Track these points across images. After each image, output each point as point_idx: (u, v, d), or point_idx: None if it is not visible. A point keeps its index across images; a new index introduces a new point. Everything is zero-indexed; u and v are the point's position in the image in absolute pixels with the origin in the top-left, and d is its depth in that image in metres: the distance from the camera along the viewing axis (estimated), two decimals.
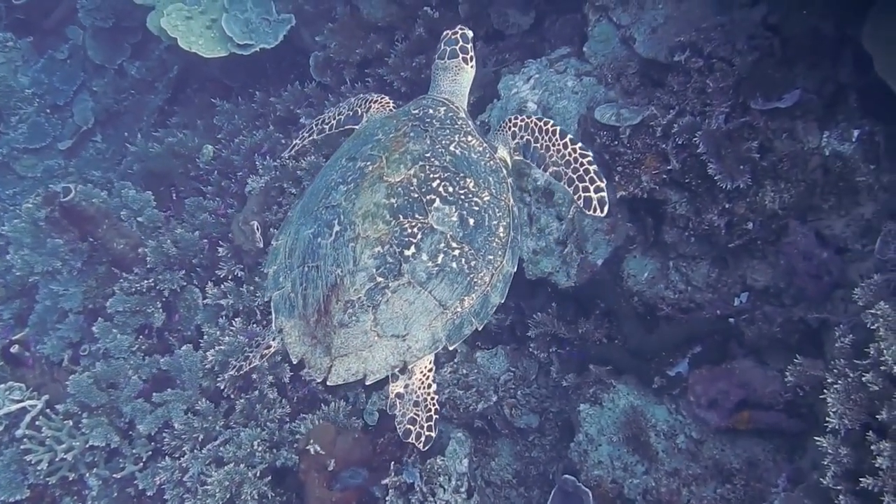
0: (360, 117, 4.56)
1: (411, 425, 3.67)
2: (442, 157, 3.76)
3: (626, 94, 5.60)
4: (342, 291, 3.51)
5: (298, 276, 3.73)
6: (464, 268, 3.59)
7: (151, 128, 9.34)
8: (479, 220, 3.67)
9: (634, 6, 5.62)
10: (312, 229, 3.75)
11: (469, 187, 3.72)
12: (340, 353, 3.54)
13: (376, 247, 3.53)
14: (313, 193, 3.98)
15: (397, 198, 3.61)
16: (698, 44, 5.15)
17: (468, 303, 3.61)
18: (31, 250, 7.33)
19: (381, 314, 3.51)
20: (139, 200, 7.44)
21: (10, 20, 11.00)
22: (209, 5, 8.04)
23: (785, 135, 4.96)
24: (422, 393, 3.73)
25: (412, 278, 3.51)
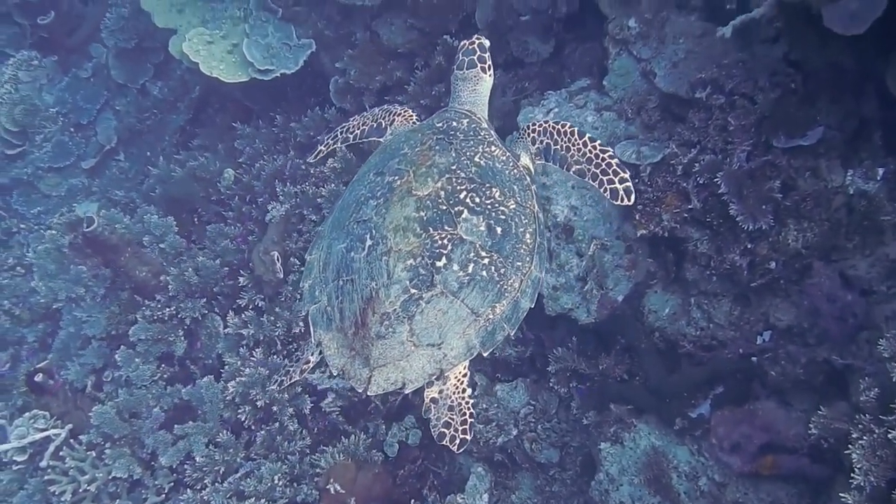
0: (384, 129, 4.62)
1: (446, 429, 3.71)
2: (467, 168, 3.83)
3: (646, 128, 5.56)
4: (378, 304, 3.58)
5: (334, 290, 3.79)
6: (494, 275, 3.67)
7: (173, 148, 9.38)
8: (506, 229, 3.75)
9: (655, 40, 5.57)
10: (345, 244, 3.81)
11: (495, 197, 3.79)
12: (379, 363, 3.60)
13: (409, 259, 3.59)
14: (343, 208, 4.04)
15: (426, 210, 3.68)
16: (720, 80, 5.10)
17: (499, 309, 3.69)
18: (55, 277, 7.39)
19: (417, 324, 3.57)
20: (161, 226, 7.48)
21: (34, 39, 11.08)
22: (230, 30, 8.06)
23: (808, 173, 4.92)
24: (456, 398, 3.78)
25: (445, 288, 3.58)
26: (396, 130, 4.54)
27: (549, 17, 6.72)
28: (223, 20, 8.19)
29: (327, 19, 7.97)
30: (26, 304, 8.37)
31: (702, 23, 5.43)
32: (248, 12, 8.07)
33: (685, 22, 5.47)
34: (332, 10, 7.88)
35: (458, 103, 4.40)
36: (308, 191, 7.11)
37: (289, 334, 6.48)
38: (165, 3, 8.59)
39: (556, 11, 6.67)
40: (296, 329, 6.44)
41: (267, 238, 6.74)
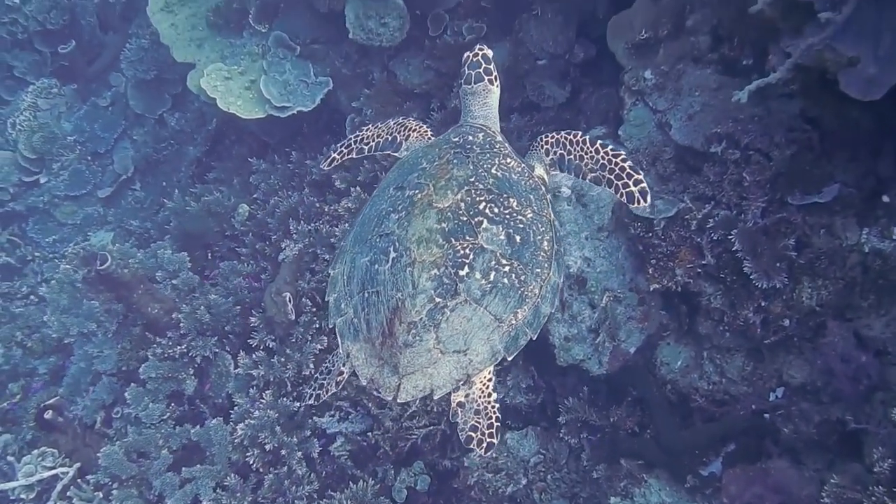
0: (399, 144, 4.74)
1: (472, 432, 3.80)
2: (485, 180, 3.94)
3: (661, 179, 5.54)
4: (404, 314, 3.67)
5: (359, 302, 3.90)
6: (514, 282, 3.77)
7: (189, 180, 9.42)
8: (524, 237, 3.85)
9: (671, 92, 5.56)
10: (369, 257, 3.91)
11: (513, 206, 3.90)
12: (407, 371, 3.71)
13: (432, 269, 3.69)
14: (364, 223, 4.14)
15: (448, 222, 3.78)
16: (735, 135, 5.09)
17: (521, 315, 3.79)
18: (68, 312, 7.41)
19: (443, 332, 3.67)
20: (174, 262, 7.50)
21: (54, 67, 11.19)
22: (248, 66, 8.10)
23: (823, 230, 4.89)
24: (482, 401, 3.87)
25: (468, 296, 3.69)
26: (412, 146, 4.66)
27: (565, 62, 6.74)
28: (241, 56, 8.23)
29: (345, 58, 8.01)
30: (38, 335, 8.39)
31: (718, 76, 5.41)
32: (266, 49, 8.11)
33: (701, 75, 5.46)
34: (350, 49, 7.91)
35: (471, 117, 4.51)
36: (322, 229, 7.11)
37: (299, 376, 6.46)
38: (185, 37, 8.65)
39: (572, 57, 6.69)
40: (306, 371, 6.41)
41: (279, 278, 6.73)
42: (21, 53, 11.31)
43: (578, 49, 6.63)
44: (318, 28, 8.04)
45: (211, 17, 8.54)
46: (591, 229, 5.49)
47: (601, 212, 5.48)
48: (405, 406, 6.20)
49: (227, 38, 8.55)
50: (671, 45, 5.60)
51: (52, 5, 11.02)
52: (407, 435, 6.17)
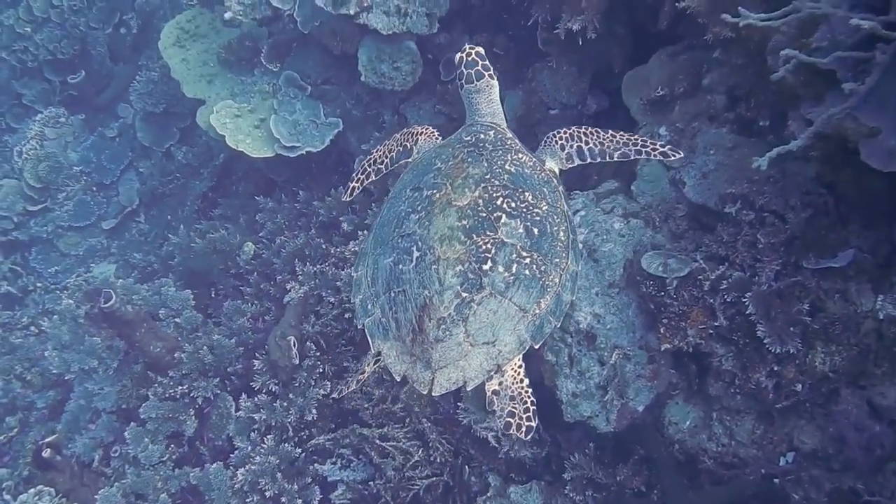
0: (410, 151, 4.86)
1: (511, 418, 3.96)
2: (500, 176, 4.09)
3: (673, 237, 5.51)
4: (433, 310, 3.79)
5: (386, 302, 4.00)
6: (536, 273, 3.92)
7: (195, 215, 9.39)
8: (542, 229, 4.01)
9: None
10: (392, 257, 4.02)
11: (528, 200, 4.06)
12: (440, 365, 3.82)
13: (457, 266, 3.82)
14: (384, 225, 4.25)
15: (468, 219, 3.92)
16: (750, 196, 5.06)
17: (544, 304, 3.94)
18: (69, 348, 7.34)
19: (471, 326, 3.80)
20: (178, 300, 7.47)
21: (63, 96, 11.21)
22: (259, 105, 8.11)
23: (837, 296, 4.83)
24: (516, 388, 4.02)
25: (493, 289, 3.82)
26: (422, 148, 4.79)
27: (578, 112, 6.74)
28: (252, 94, 8.25)
29: (356, 99, 8.02)
30: (38, 368, 8.32)
31: (733, 136, 5.39)
32: (277, 88, 8.14)
33: (716, 134, 5.44)
34: (362, 91, 7.92)
35: (479, 115, 4.66)
36: (328, 272, 7.06)
37: (301, 421, 6.39)
38: (196, 73, 8.68)
39: (585, 108, 6.70)
40: (308, 416, 6.34)
41: (284, 321, 6.68)
42: (30, 82, 11.35)
43: (591, 100, 6.63)
44: (330, 69, 8.05)
45: (222, 53, 8.56)
46: (601, 285, 5.44)
47: (612, 268, 5.43)
48: (407, 455, 6.13)
49: (238, 75, 8.57)
50: (687, 102, 5.59)
51: (63, 35, 11.08)
52: (409, 485, 6.08)
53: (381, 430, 6.17)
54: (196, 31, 8.99)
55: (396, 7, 7.10)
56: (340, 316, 6.85)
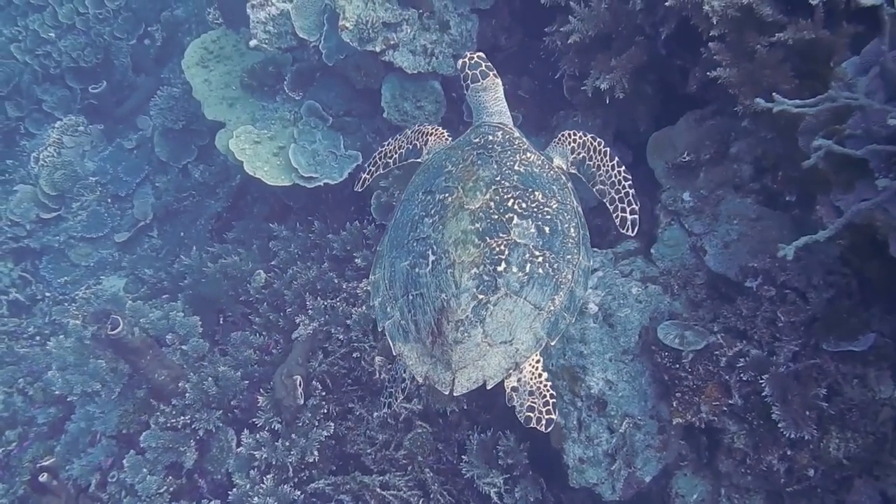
0: (420, 150, 4.98)
1: (531, 412, 4.06)
2: (510, 177, 4.20)
3: (692, 305, 5.42)
4: (451, 313, 3.90)
5: (405, 305, 4.12)
6: (549, 271, 4.03)
7: (208, 234, 9.34)
8: (553, 227, 4.12)
9: (708, 217, 5.46)
10: (408, 261, 4.13)
11: (539, 199, 4.17)
12: (460, 366, 3.93)
13: (472, 269, 3.93)
14: (398, 227, 4.36)
15: (481, 222, 4.03)
16: (772, 272, 4.99)
17: (558, 301, 4.05)
18: (73, 369, 7.28)
19: (488, 326, 3.91)
20: (186, 326, 7.41)
21: (83, 104, 11.21)
22: (279, 132, 8.04)
23: (856, 381, 4.75)
24: (534, 383, 4.12)
25: (508, 290, 3.93)
26: (432, 149, 4.89)
27: None
28: (272, 121, 8.18)
29: (376, 133, 7.95)
30: (40, 383, 8.27)
31: (758, 206, 5.31)
32: (298, 116, 8.07)
33: (741, 203, 5.36)
34: (383, 125, 7.85)
35: (487, 115, 4.77)
36: (338, 307, 6.98)
37: (302, 462, 6.29)
38: (217, 94, 8.63)
39: None
40: (309, 458, 6.24)
41: (291, 358, 6.60)
42: (52, 88, 11.36)
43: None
44: (353, 101, 7.99)
45: (245, 77, 8.50)
46: (615, 351, 5.36)
47: (628, 334, 5.34)
48: None
49: (259, 100, 8.50)
50: (713, 169, 5.51)
51: (87, 43, 11.13)
52: None
53: (383, 478, 6.08)
54: (220, 52, 8.95)
55: (423, 47, 7.05)
56: (349, 354, 6.76)
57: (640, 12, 5.60)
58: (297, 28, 7.48)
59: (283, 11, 7.67)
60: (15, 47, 11.54)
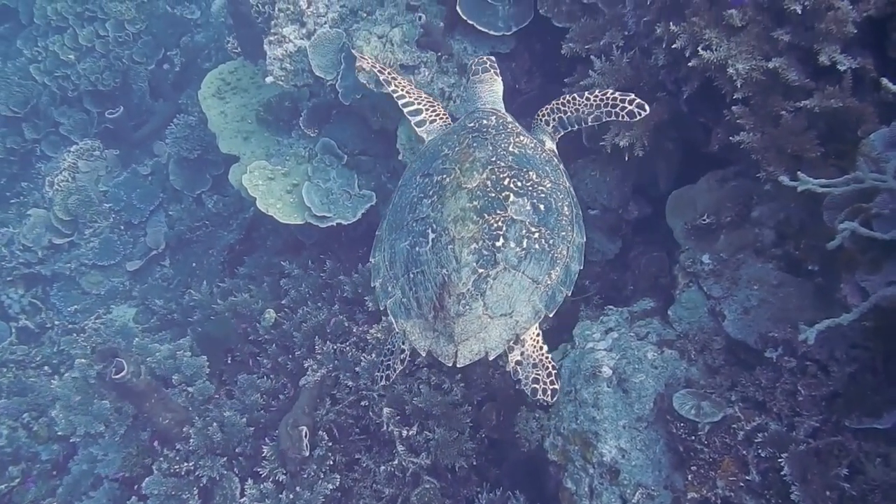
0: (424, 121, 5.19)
1: (536, 384, 4.24)
2: (505, 157, 4.38)
3: (709, 370, 5.25)
4: (452, 287, 4.02)
5: (406, 283, 4.23)
6: (545, 247, 4.17)
7: (220, 266, 9.25)
8: (547, 205, 4.26)
9: (728, 280, 5.30)
10: (408, 241, 4.27)
11: (533, 179, 4.33)
12: (462, 338, 4.05)
13: (472, 244, 4.07)
14: (396, 211, 4.53)
15: (478, 200, 4.18)
16: (793, 342, 4.81)
17: (555, 275, 4.20)
18: (77, 410, 7.17)
19: (489, 299, 4.03)
20: (193, 367, 7.30)
21: (99, 128, 11.17)
22: (293, 169, 7.95)
23: (879, 460, 4.55)
24: (537, 355, 4.30)
25: (507, 264, 4.07)
26: (433, 132, 5.11)
27: (618, 216, 6.50)
28: (287, 157, 8.09)
29: (392, 173, 7.84)
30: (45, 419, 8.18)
31: (779, 272, 5.14)
32: (313, 154, 7.99)
33: (762, 269, 5.20)
34: (398, 166, 7.72)
35: (481, 103, 5.04)
36: (347, 352, 6.86)
37: None
38: (232, 127, 8.58)
39: (626, 212, 6.46)
40: None
41: (297, 406, 6.48)
42: (69, 110, 11.33)
43: (633, 206, 6.39)
44: (368, 141, 7.89)
45: (261, 111, 8.44)
46: (629, 418, 5.19)
47: (642, 401, 5.18)
48: None
49: (274, 135, 8.44)
50: (733, 233, 5.35)
51: (106, 66, 11.12)
52: None
53: None
54: (237, 84, 8.90)
55: (441, 90, 6.94)
56: (357, 402, 6.64)
57: (663, 68, 5.46)
58: (313, 66, 7.39)
59: (301, 48, 7.58)
60: (34, 68, 11.57)
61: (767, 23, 4.85)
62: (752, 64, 4.75)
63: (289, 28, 7.58)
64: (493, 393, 6.35)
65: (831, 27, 4.51)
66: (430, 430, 6.18)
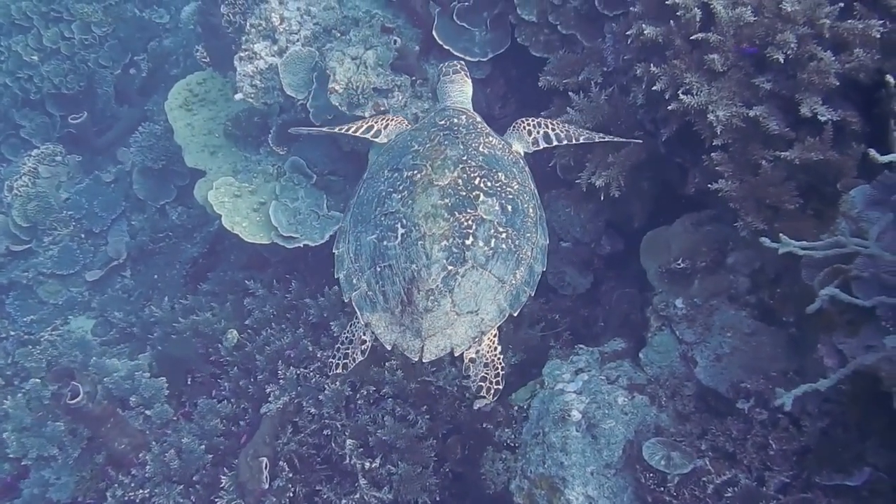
0: (379, 132, 5.24)
1: (483, 382, 4.36)
2: (476, 157, 4.49)
3: (679, 417, 5.19)
4: (422, 283, 4.13)
5: (372, 276, 4.33)
6: (511, 247, 4.30)
7: (182, 280, 9.05)
8: (514, 206, 4.40)
9: (700, 326, 5.23)
10: (375, 234, 4.36)
11: (501, 180, 4.46)
12: (429, 333, 4.17)
13: (442, 241, 4.18)
14: (363, 204, 4.59)
15: (449, 198, 4.28)
16: (765, 394, 4.76)
17: (519, 275, 4.33)
18: (30, 431, 6.94)
19: (456, 296, 4.15)
20: (151, 388, 7.10)
21: (62, 133, 10.90)
22: (261, 186, 7.77)
23: None
24: (490, 355, 4.39)
25: (475, 262, 4.19)
26: (391, 134, 5.19)
27: (590, 249, 6.44)
28: (254, 174, 7.91)
29: None
30: None
31: (753, 321, 5.08)
32: (282, 172, 7.81)
33: (735, 316, 5.14)
34: None
35: (451, 101, 5.18)
36: (311, 378, 6.71)
37: None
38: (199, 141, 8.38)
39: (598, 247, 6.39)
40: None
41: (258, 436, 6.32)
42: (31, 113, 11.04)
43: (606, 241, 6.33)
44: (338, 161, 7.75)
45: (229, 126, 8.25)
46: (598, 464, 5.10)
47: (611, 448, 5.09)
48: None
49: (242, 150, 8.26)
50: (708, 278, 5.29)
51: (71, 69, 10.85)
52: None
53: None
54: (205, 96, 8.70)
55: (414, 115, 6.82)
56: (319, 431, 6.49)
57: (641, 108, 5.39)
58: (284, 84, 7.23)
59: (272, 66, 7.41)
60: None
61: (748, 69, 4.79)
62: (732, 111, 4.69)
63: (260, 44, 7.41)
64: (459, 426, 6.23)
65: (813, 78, 4.46)
66: (393, 463, 6.04)
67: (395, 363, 6.39)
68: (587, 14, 6.07)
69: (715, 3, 4.76)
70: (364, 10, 7.27)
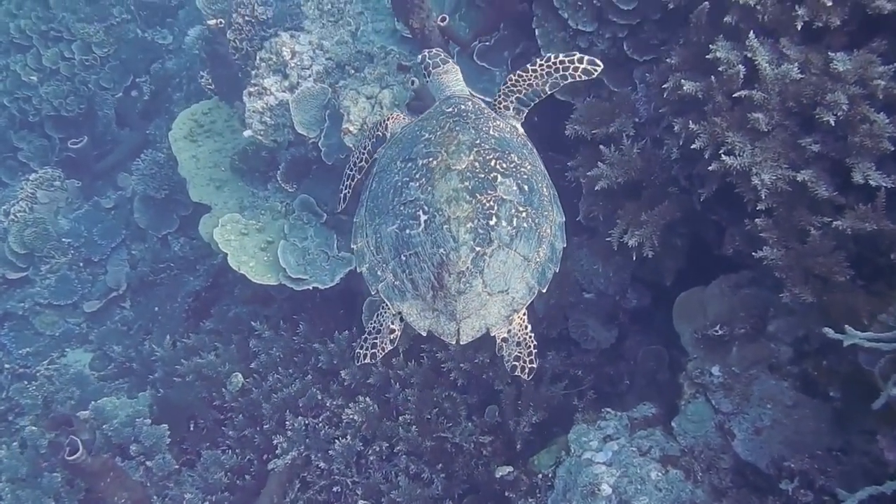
0: (384, 138, 5.18)
1: (517, 362, 4.40)
2: (488, 140, 4.51)
3: (715, 492, 4.90)
4: (452, 265, 4.17)
5: (397, 266, 4.35)
6: (532, 225, 4.34)
7: (184, 314, 8.75)
8: (530, 186, 4.44)
9: (738, 396, 4.95)
10: (395, 224, 4.37)
11: (515, 161, 4.49)
12: (464, 315, 4.24)
13: (468, 223, 4.20)
14: (377, 197, 4.59)
15: (469, 181, 4.30)
16: (810, 474, 4.46)
17: (542, 253, 4.38)
18: (25, 483, 6.63)
19: (487, 276, 4.20)
20: (152, 437, 6.80)
21: (61, 156, 10.61)
22: (268, 224, 7.48)
23: None
24: (522, 334, 4.43)
25: (500, 242, 4.23)
26: (394, 130, 5.13)
27: (615, 302, 6.14)
28: (262, 210, 7.62)
29: None
30: None
31: (795, 392, 4.80)
32: (290, 210, 7.52)
33: (776, 387, 4.86)
34: None
35: (451, 91, 5.09)
36: (320, 430, 6.44)
37: None
38: (204, 174, 8.11)
39: (624, 300, 6.10)
40: None
41: (265, 494, 6.04)
42: (29, 135, 10.76)
43: (632, 294, 6.05)
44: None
45: (236, 160, 7.97)
46: None
47: None
48: None
49: (249, 185, 7.97)
50: (747, 346, 5.00)
51: (71, 91, 10.60)
52: None
53: None
54: (211, 127, 8.42)
55: None
56: (328, 487, 6.22)
57: (676, 162, 5.12)
58: (296, 122, 6.94)
59: (282, 102, 7.13)
60: None
61: (794, 128, 4.53)
62: (778, 173, 4.42)
63: (270, 79, 7.13)
64: (477, 485, 5.95)
65: (866, 141, 4.20)
66: None
67: (409, 417, 6.12)
68: (615, 58, 5.81)
69: (759, 59, 4.51)
70: (379, 45, 7.01)
